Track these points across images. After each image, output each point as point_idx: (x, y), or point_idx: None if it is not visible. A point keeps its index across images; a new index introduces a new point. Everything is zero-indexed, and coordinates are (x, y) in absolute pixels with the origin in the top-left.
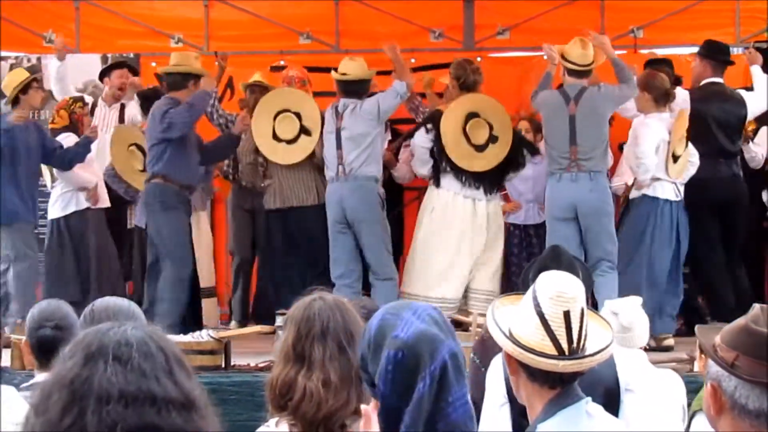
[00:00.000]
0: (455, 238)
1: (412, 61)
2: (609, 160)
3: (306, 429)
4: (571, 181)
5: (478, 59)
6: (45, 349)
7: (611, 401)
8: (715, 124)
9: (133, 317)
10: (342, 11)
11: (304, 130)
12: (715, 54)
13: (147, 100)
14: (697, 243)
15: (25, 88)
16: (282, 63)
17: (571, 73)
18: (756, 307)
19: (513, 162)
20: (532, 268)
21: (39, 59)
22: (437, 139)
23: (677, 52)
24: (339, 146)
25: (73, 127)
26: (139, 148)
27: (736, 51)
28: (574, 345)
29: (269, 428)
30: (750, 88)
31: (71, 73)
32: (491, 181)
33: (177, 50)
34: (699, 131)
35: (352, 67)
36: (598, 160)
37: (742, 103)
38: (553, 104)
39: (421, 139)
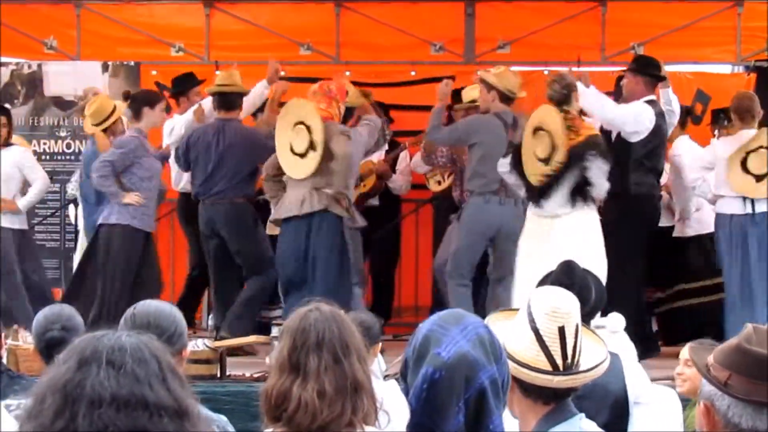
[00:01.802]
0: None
1: (412, 73)
2: None
3: None
4: (499, 205)
5: (478, 73)
6: (54, 351)
7: (620, 414)
8: (662, 141)
9: (174, 321)
10: (343, 23)
11: (311, 145)
12: (648, 69)
13: (135, 101)
14: (628, 260)
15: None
16: (282, 73)
17: (506, 99)
18: (749, 327)
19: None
20: (545, 284)
21: (39, 65)
22: (516, 159)
23: (677, 69)
24: None
25: None
26: None
27: (736, 69)
28: (569, 360)
29: None
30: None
31: (71, 80)
32: (561, 194)
33: (177, 59)
34: (655, 147)
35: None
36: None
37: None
38: (494, 129)
39: (501, 166)
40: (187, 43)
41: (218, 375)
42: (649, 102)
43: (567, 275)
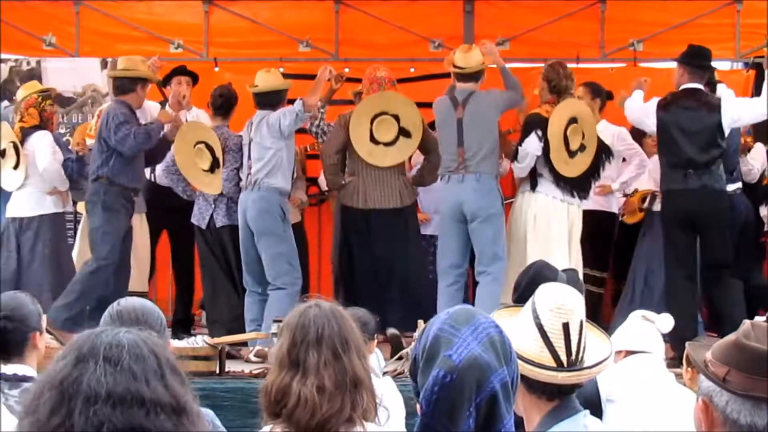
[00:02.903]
0: (562, 241)
1: (412, 70)
2: (506, 165)
3: None
4: (459, 182)
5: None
6: None
7: (592, 412)
8: (681, 133)
9: (159, 318)
10: (342, 20)
11: (403, 132)
12: (690, 59)
13: (221, 97)
14: (665, 257)
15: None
16: (281, 70)
17: (459, 78)
18: (746, 323)
19: (596, 169)
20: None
21: (38, 62)
22: (546, 144)
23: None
24: (249, 157)
25: (44, 125)
26: (208, 147)
27: (735, 66)
28: (573, 357)
29: None
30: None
31: (70, 77)
32: (581, 186)
33: (176, 55)
34: (664, 140)
35: (264, 79)
36: (485, 162)
37: (715, 110)
38: (443, 109)
39: (535, 146)
40: (186, 39)
41: (217, 372)
42: (692, 90)
43: (524, 274)
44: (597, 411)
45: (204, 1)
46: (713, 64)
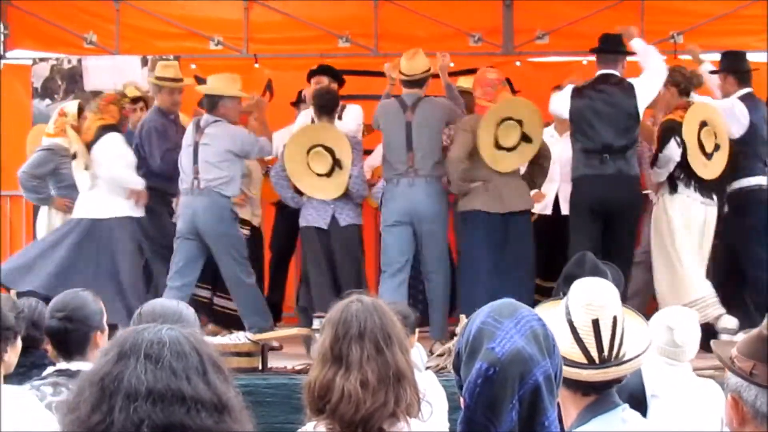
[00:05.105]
0: (696, 243)
1: (451, 65)
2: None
3: None
4: (409, 186)
5: (517, 63)
6: (54, 339)
7: (636, 407)
8: (596, 117)
9: (180, 319)
10: (381, 14)
11: (525, 138)
12: (599, 46)
13: (322, 98)
14: (571, 245)
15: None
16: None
17: (405, 84)
18: None
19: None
20: (561, 277)
21: (79, 60)
22: (683, 149)
23: (717, 58)
24: (195, 161)
25: (120, 124)
26: (327, 149)
27: None
28: (605, 353)
29: (307, 431)
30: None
31: (110, 75)
32: (719, 187)
33: (216, 52)
34: (578, 126)
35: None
36: (433, 166)
37: (630, 93)
38: (391, 112)
39: (676, 152)
40: (225, 36)
41: (260, 367)
42: (605, 75)
43: (578, 266)
44: (642, 406)
45: None
46: (756, 56)
